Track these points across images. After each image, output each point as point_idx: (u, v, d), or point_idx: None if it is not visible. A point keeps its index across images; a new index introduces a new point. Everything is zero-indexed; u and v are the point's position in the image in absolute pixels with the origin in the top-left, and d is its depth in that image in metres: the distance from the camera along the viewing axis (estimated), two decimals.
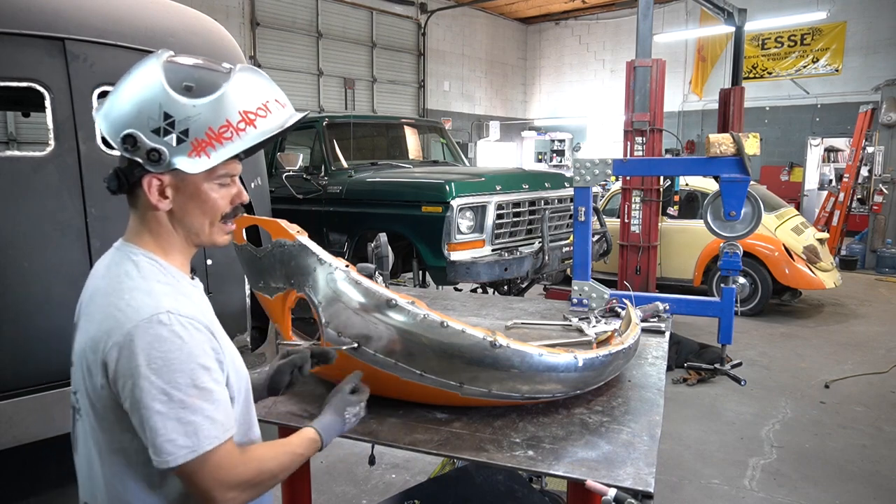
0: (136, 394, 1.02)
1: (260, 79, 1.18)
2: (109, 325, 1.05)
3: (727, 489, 3.51)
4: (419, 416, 1.62)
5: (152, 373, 1.01)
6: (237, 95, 1.12)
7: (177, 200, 1.14)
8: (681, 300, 2.65)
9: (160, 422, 1.01)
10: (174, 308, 1.07)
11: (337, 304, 1.54)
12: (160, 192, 1.12)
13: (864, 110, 10.45)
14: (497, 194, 4.96)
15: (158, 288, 1.10)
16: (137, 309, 1.05)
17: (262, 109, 1.14)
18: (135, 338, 1.03)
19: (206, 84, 1.10)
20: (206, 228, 1.18)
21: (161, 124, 1.07)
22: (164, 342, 1.03)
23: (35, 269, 2.73)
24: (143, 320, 1.04)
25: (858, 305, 7.79)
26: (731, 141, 2.37)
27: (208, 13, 3.63)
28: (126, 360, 1.02)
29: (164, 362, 1.02)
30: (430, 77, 15.82)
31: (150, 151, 1.07)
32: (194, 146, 1.09)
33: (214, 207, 1.16)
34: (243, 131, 1.12)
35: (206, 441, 1.04)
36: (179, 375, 1.03)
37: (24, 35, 2.67)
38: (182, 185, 1.13)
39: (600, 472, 1.35)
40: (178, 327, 1.05)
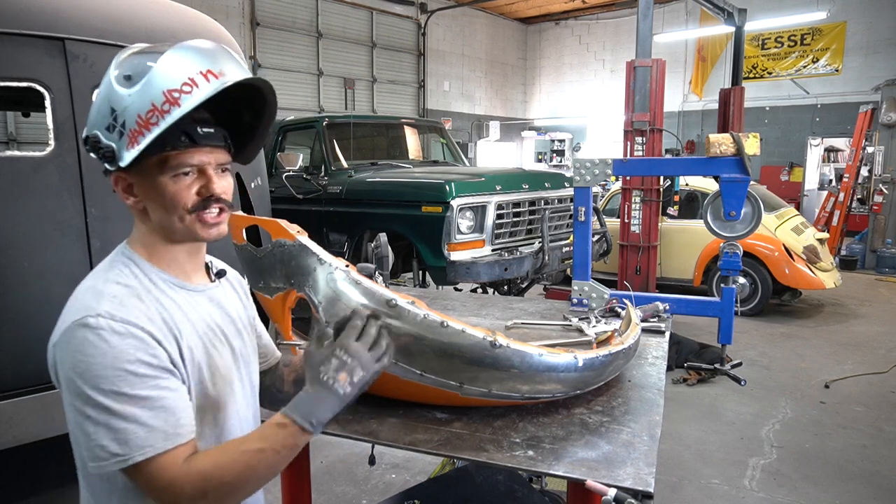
0: (67, 397, 1.01)
1: (193, 52, 1.06)
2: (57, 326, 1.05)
3: (727, 489, 3.51)
4: (419, 416, 1.62)
5: (77, 377, 0.98)
6: (161, 75, 1.03)
7: (144, 197, 1.11)
8: (681, 300, 2.65)
9: (90, 426, 0.98)
10: (107, 311, 1.02)
11: (337, 304, 1.54)
12: (125, 189, 1.11)
13: (864, 110, 10.45)
14: (497, 194, 4.96)
15: (111, 289, 1.07)
16: (76, 309, 1.04)
17: (187, 85, 1.03)
18: (67, 339, 1.01)
19: (141, 69, 1.04)
20: (175, 223, 1.12)
21: (110, 120, 1.05)
22: (89, 344, 0.99)
23: (35, 269, 2.73)
24: (76, 321, 1.01)
25: (858, 305, 7.79)
26: (731, 141, 2.36)
27: (208, 13, 3.63)
28: (59, 362, 1.02)
29: (87, 366, 0.98)
30: (430, 77, 15.82)
31: (104, 150, 1.06)
32: (130, 137, 1.04)
33: (174, 200, 1.10)
34: (167, 112, 1.02)
35: (138, 451, 0.98)
36: (103, 381, 0.98)
37: (24, 35, 2.67)
38: (141, 180, 1.10)
39: (600, 472, 1.35)
40: (106, 332, 1.00)
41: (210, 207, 1.14)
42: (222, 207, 1.17)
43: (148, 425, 0.99)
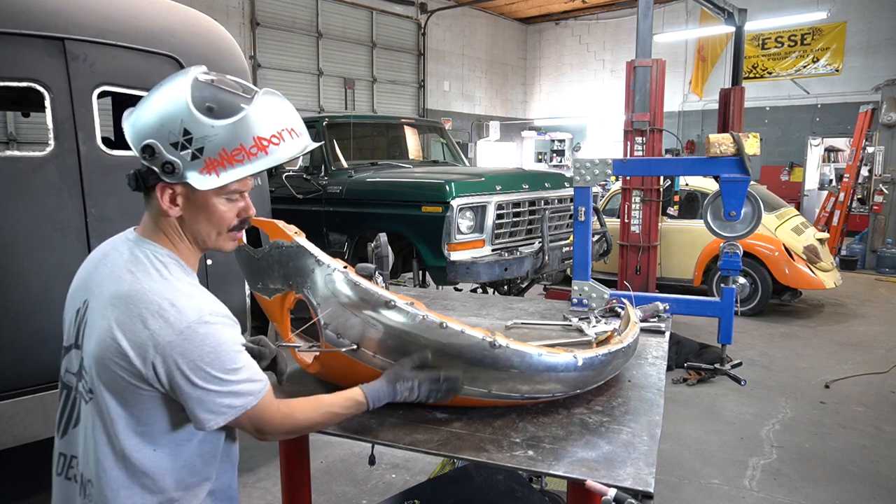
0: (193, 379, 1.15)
1: (279, 107, 1.24)
2: (157, 326, 1.14)
3: (727, 489, 3.51)
4: (419, 416, 1.62)
5: (206, 365, 1.15)
6: (254, 121, 1.18)
7: (187, 209, 1.23)
8: (681, 300, 2.65)
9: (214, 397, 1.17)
10: (215, 309, 1.20)
11: (335, 306, 1.54)
12: (171, 199, 1.21)
13: (865, 110, 10.45)
14: (497, 194, 4.96)
15: (193, 290, 1.21)
16: (184, 311, 1.16)
17: (276, 137, 1.20)
18: (188, 338, 1.14)
19: (228, 106, 1.17)
20: (212, 237, 1.27)
21: (180, 139, 1.15)
22: (211, 338, 1.16)
23: (35, 269, 2.74)
24: (193, 321, 1.15)
25: (858, 305, 7.79)
26: (731, 141, 2.36)
27: (208, 13, 3.63)
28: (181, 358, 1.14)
29: (215, 355, 1.16)
30: (430, 77, 15.82)
31: (165, 163, 1.15)
32: (207, 164, 1.16)
33: (221, 220, 1.25)
34: (255, 156, 1.19)
35: (255, 395, 1.22)
36: (228, 362, 1.18)
37: (24, 35, 2.67)
38: (192, 196, 1.21)
39: (600, 472, 1.35)
40: (220, 326, 1.19)
41: (243, 228, 1.31)
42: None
43: (253, 379, 1.23)
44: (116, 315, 1.17)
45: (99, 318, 1.19)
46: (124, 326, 1.15)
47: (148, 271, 1.20)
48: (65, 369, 1.30)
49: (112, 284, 1.21)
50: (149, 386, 1.16)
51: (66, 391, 1.29)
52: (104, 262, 1.25)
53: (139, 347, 1.14)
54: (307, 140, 1.28)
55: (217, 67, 3.35)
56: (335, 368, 1.70)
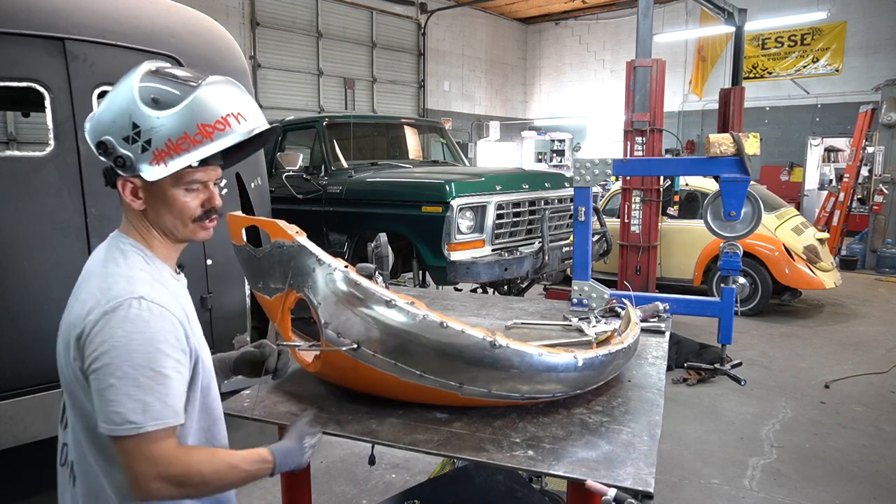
0: (96, 366, 1.11)
1: (225, 93, 1.24)
2: (90, 305, 1.15)
3: (727, 489, 3.51)
4: (419, 416, 1.62)
5: (114, 349, 1.10)
6: (197, 109, 1.19)
7: (148, 202, 1.24)
8: (681, 300, 2.65)
9: (112, 394, 1.09)
10: (147, 294, 1.16)
11: (336, 305, 1.54)
12: (133, 193, 1.22)
13: (865, 110, 10.45)
14: (497, 194, 4.96)
15: (138, 275, 1.20)
16: (115, 291, 1.15)
17: (220, 123, 1.20)
18: (107, 317, 1.12)
19: (172, 97, 1.19)
20: (179, 228, 1.27)
21: (130, 133, 1.17)
22: (130, 323, 1.12)
23: (35, 269, 2.74)
24: (117, 301, 1.13)
25: (858, 305, 7.79)
26: (731, 141, 2.36)
27: (208, 13, 3.63)
28: (95, 336, 1.12)
29: (127, 341, 1.11)
30: (430, 77, 15.82)
31: (118, 158, 1.18)
32: (155, 155, 1.18)
33: (183, 210, 1.25)
34: (199, 143, 1.19)
35: (152, 422, 1.10)
36: (138, 355, 1.11)
37: (24, 35, 2.67)
38: (152, 188, 1.22)
39: (600, 472, 1.35)
40: (146, 312, 1.14)
41: (210, 217, 1.30)
42: (217, 216, 1.33)
43: (163, 401, 1.12)
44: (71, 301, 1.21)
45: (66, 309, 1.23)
46: (70, 309, 1.19)
47: (105, 258, 1.23)
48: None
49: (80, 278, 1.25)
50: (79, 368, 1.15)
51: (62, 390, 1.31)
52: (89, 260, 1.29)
53: (73, 327, 1.16)
54: (255, 122, 1.26)
55: (217, 67, 3.36)
56: (336, 367, 1.70)
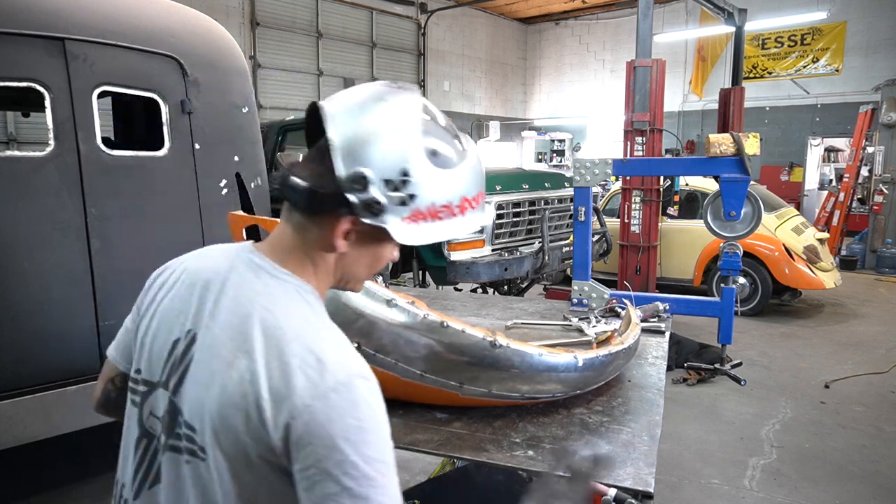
0: (323, 464, 0.85)
1: (482, 167, 1.08)
2: (299, 382, 0.88)
3: (727, 489, 3.51)
4: (419, 416, 1.62)
5: (346, 443, 0.85)
6: (466, 178, 1.02)
7: (354, 247, 1.00)
8: (681, 300, 2.65)
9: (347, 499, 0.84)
10: (364, 371, 0.93)
11: (336, 305, 1.54)
12: (346, 234, 0.98)
13: (865, 110, 10.45)
14: (497, 194, 4.96)
15: (343, 341, 0.96)
16: (333, 367, 0.90)
17: (475, 201, 1.04)
18: (332, 402, 0.87)
19: (447, 155, 0.99)
20: (360, 280, 1.09)
21: (396, 179, 0.94)
22: (360, 408, 0.88)
23: (35, 269, 2.73)
24: (341, 382, 0.89)
25: (858, 305, 7.79)
26: (731, 141, 2.36)
27: (208, 13, 3.62)
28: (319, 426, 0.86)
29: (361, 432, 0.87)
30: (430, 77, 15.82)
31: (373, 203, 0.94)
32: (413, 213, 0.96)
33: (380, 265, 1.07)
34: (455, 217, 1.01)
35: None
36: (372, 448, 0.87)
37: (24, 35, 2.67)
38: (370, 237, 0.99)
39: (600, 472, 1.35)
40: (370, 394, 0.90)
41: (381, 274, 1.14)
42: None
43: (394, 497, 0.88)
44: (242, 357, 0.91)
45: (218, 360, 0.93)
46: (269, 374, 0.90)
47: (291, 310, 0.96)
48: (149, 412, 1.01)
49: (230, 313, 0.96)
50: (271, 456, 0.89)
51: (147, 440, 1.01)
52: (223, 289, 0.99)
53: (274, 404, 0.88)
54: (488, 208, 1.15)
55: (217, 67, 3.36)
56: None
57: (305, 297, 0.99)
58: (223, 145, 3.30)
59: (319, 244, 0.99)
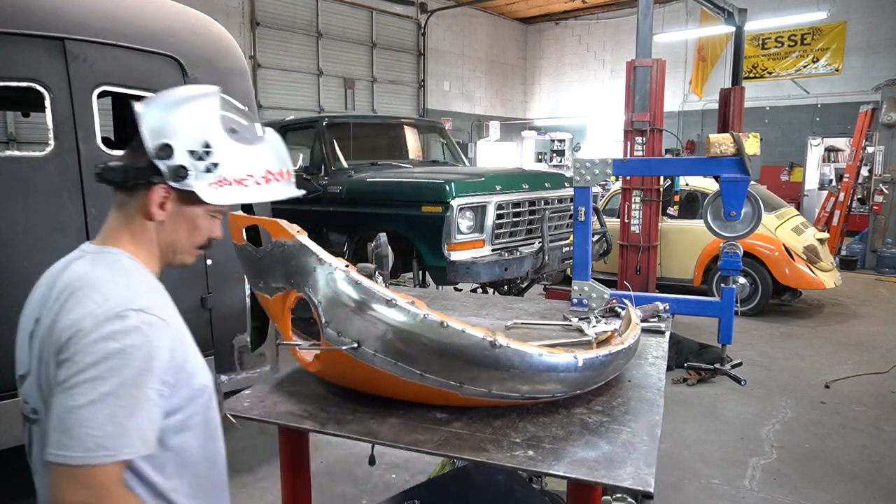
0: (77, 379, 0.98)
1: (284, 150, 1.32)
2: (79, 315, 1.03)
3: (727, 489, 3.51)
4: (419, 416, 1.62)
5: (103, 362, 0.99)
6: (267, 156, 1.26)
7: (171, 216, 1.19)
8: (681, 300, 2.65)
9: (89, 411, 0.97)
10: (148, 306, 1.07)
11: (337, 304, 1.54)
12: (161, 203, 1.17)
13: (865, 110, 10.45)
14: (497, 194, 4.96)
15: (137, 284, 1.12)
16: (113, 301, 1.05)
17: (280, 175, 1.27)
18: (99, 326, 1.01)
19: (248, 134, 1.24)
20: (184, 249, 1.25)
21: (199, 149, 1.16)
22: (125, 336, 1.01)
23: (35, 269, 2.72)
24: (113, 311, 1.03)
25: (858, 305, 7.79)
26: (732, 141, 2.36)
27: (208, 13, 3.62)
28: (82, 345, 1.00)
29: (119, 355, 1.00)
30: (430, 77, 15.82)
31: (179, 167, 1.14)
32: (218, 180, 1.18)
33: (200, 234, 1.25)
34: (259, 185, 1.23)
35: (125, 449, 0.99)
36: (129, 372, 1.00)
37: (24, 35, 2.67)
38: (182, 205, 1.19)
39: (600, 472, 1.35)
40: (146, 326, 1.04)
41: (207, 248, 1.30)
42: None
43: (141, 428, 1.02)
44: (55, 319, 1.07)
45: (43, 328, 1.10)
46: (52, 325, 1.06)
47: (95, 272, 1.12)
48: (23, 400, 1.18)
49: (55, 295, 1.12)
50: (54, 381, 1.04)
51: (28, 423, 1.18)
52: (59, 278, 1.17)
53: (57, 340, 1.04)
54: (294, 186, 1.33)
55: (217, 67, 3.36)
56: (336, 367, 1.70)
57: (114, 257, 1.16)
58: None
59: (140, 214, 1.18)
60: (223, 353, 3.39)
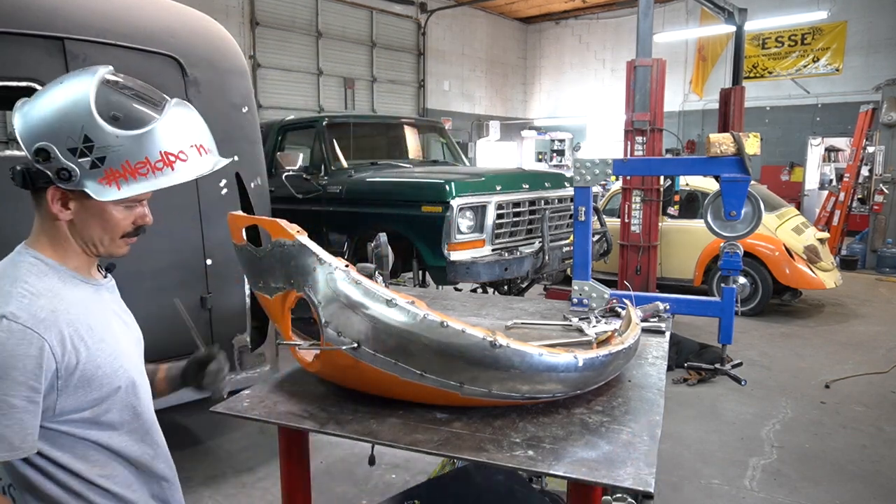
0: None
1: (190, 120, 1.19)
2: None
3: (727, 489, 3.51)
4: (419, 416, 1.62)
5: None
6: (162, 135, 1.12)
7: (79, 214, 1.15)
8: (681, 300, 2.65)
9: None
10: (14, 314, 1.06)
11: (337, 304, 1.54)
12: (63, 203, 1.13)
13: (865, 110, 10.45)
14: (497, 194, 4.96)
15: (18, 290, 1.09)
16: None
17: (183, 154, 1.15)
18: None
19: (135, 117, 1.11)
20: (105, 243, 1.20)
21: (79, 145, 1.07)
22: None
23: None
24: None
25: (859, 305, 7.79)
26: (732, 141, 2.36)
27: (208, 13, 3.62)
28: None
29: None
30: (430, 77, 15.82)
31: (61, 170, 1.08)
32: (107, 174, 1.09)
33: (116, 227, 1.18)
34: (160, 171, 1.12)
35: None
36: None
37: (24, 35, 2.67)
38: (86, 201, 1.13)
39: (600, 472, 1.35)
40: (4, 334, 1.04)
41: (138, 234, 1.23)
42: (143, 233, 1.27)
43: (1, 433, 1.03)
44: None
45: None
46: None
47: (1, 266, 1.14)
48: None
49: None
50: None
51: None
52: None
53: None
54: (216, 157, 1.23)
55: (217, 67, 3.36)
56: (336, 367, 1.70)
57: (17, 259, 1.15)
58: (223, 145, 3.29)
59: (48, 216, 1.15)
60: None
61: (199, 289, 3.27)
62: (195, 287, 3.26)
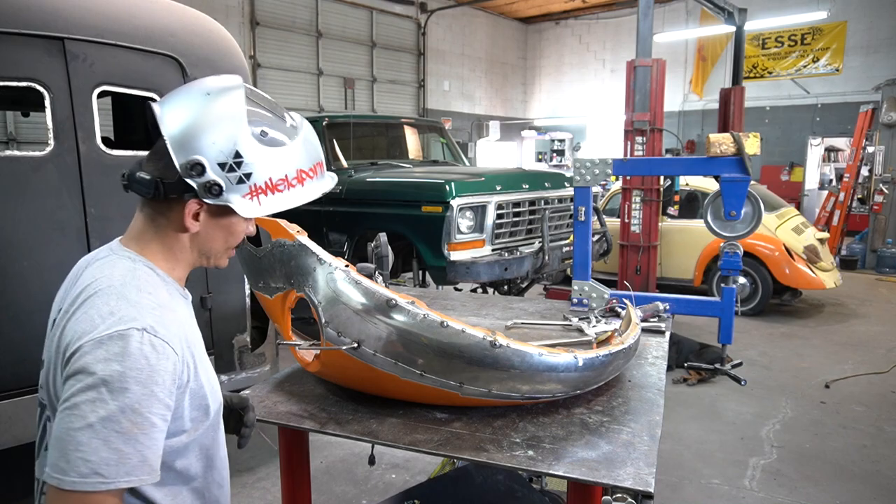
0: (76, 398, 0.95)
1: (315, 138, 1.23)
2: (85, 327, 1.00)
3: (727, 489, 3.51)
4: (419, 416, 1.62)
5: (102, 384, 0.94)
6: (299, 152, 1.17)
7: (206, 226, 1.14)
8: (681, 300, 2.65)
9: (85, 436, 0.92)
10: (153, 326, 1.01)
11: (337, 304, 1.54)
12: (195, 216, 1.11)
13: (865, 110, 10.45)
14: (497, 194, 4.96)
15: (146, 301, 1.05)
16: (117, 316, 1.00)
17: (312, 171, 1.19)
18: (103, 344, 0.97)
19: (278, 133, 1.14)
20: (220, 254, 1.22)
21: (229, 160, 1.08)
22: (128, 358, 0.97)
23: (35, 268, 2.73)
24: (116, 329, 0.98)
25: (859, 305, 7.79)
26: (732, 141, 2.36)
27: (208, 13, 3.62)
28: (84, 363, 0.96)
29: (120, 378, 0.95)
30: (430, 77, 15.82)
31: (213, 185, 1.08)
32: (251, 190, 1.11)
33: (237, 239, 1.21)
34: (293, 187, 1.16)
35: (125, 477, 0.95)
36: (130, 396, 0.95)
37: (24, 35, 2.66)
38: (218, 215, 1.14)
39: (600, 472, 1.35)
40: (148, 347, 0.99)
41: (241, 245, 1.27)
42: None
43: (143, 454, 0.97)
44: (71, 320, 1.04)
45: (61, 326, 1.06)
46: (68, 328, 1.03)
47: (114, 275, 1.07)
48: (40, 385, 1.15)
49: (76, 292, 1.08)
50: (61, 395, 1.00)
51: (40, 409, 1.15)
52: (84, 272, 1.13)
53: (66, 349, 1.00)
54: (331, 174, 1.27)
55: (217, 67, 3.36)
56: (336, 367, 1.70)
57: (134, 265, 1.10)
58: None
59: (172, 227, 1.13)
60: (223, 353, 3.40)
61: (199, 289, 3.27)
62: (195, 287, 3.26)
